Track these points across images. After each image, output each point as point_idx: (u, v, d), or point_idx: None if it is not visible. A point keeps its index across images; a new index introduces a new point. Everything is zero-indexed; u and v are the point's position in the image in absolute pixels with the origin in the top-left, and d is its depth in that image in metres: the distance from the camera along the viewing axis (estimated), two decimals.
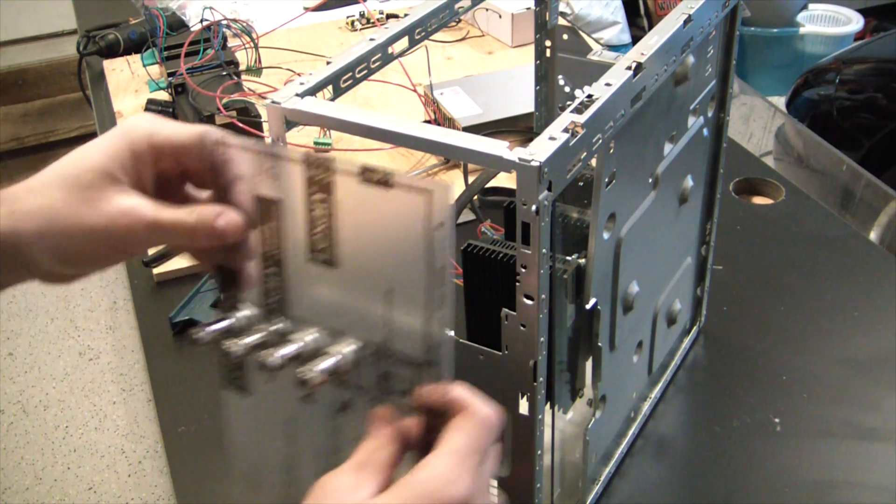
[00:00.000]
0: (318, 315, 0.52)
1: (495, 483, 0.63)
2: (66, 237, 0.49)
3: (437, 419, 0.47)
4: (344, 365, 0.50)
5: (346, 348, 0.51)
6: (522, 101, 1.17)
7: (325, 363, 0.50)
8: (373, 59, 0.61)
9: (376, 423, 0.48)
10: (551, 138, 0.48)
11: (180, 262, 1.00)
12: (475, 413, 0.46)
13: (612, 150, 0.57)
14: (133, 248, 0.52)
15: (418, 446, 0.48)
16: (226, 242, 0.51)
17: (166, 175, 0.53)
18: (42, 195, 0.49)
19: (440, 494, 0.43)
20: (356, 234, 0.49)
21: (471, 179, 0.85)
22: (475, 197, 0.80)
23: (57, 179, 0.50)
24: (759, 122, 1.73)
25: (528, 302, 0.50)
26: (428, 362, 0.49)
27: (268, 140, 0.55)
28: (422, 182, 0.46)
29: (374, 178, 0.47)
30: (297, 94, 0.54)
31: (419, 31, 0.66)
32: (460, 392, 0.47)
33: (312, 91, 0.55)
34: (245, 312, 0.54)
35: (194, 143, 0.52)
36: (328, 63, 0.58)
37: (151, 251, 0.99)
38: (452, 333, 0.48)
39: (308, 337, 0.52)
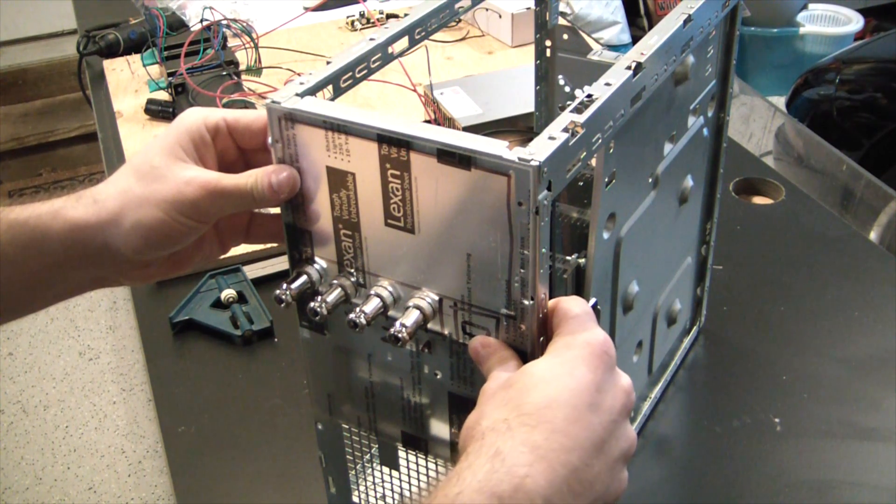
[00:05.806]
0: (393, 271, 0.55)
1: None
2: (141, 211, 0.55)
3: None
4: (427, 315, 0.54)
5: (425, 300, 0.54)
6: (522, 101, 1.17)
7: (412, 318, 0.53)
8: (373, 59, 0.61)
9: (482, 349, 0.53)
10: (551, 138, 0.48)
11: None
12: (566, 302, 0.51)
13: (611, 150, 0.57)
14: (203, 217, 0.56)
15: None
16: (282, 198, 0.55)
17: (229, 156, 0.59)
18: (118, 183, 0.56)
19: (587, 341, 0.49)
20: (434, 205, 0.51)
21: None
22: None
23: (129, 169, 0.57)
24: (759, 122, 1.73)
25: (528, 302, 0.51)
26: (509, 316, 0.52)
27: (269, 140, 0.55)
28: (503, 163, 0.47)
29: (454, 159, 0.48)
30: (297, 94, 0.54)
31: (419, 31, 0.66)
32: (551, 301, 0.53)
33: (312, 91, 0.55)
34: (318, 266, 0.58)
35: (248, 121, 0.58)
36: (328, 63, 0.58)
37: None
38: (544, 294, 0.51)
39: (385, 291, 0.55)
